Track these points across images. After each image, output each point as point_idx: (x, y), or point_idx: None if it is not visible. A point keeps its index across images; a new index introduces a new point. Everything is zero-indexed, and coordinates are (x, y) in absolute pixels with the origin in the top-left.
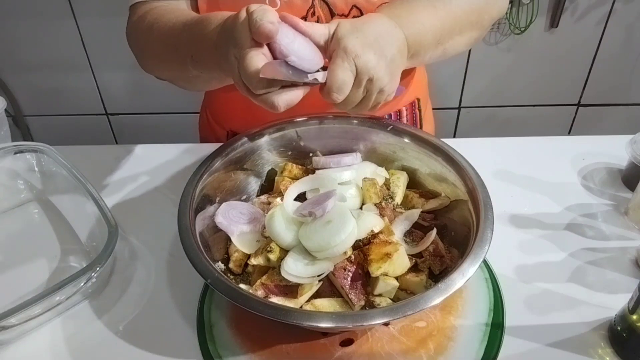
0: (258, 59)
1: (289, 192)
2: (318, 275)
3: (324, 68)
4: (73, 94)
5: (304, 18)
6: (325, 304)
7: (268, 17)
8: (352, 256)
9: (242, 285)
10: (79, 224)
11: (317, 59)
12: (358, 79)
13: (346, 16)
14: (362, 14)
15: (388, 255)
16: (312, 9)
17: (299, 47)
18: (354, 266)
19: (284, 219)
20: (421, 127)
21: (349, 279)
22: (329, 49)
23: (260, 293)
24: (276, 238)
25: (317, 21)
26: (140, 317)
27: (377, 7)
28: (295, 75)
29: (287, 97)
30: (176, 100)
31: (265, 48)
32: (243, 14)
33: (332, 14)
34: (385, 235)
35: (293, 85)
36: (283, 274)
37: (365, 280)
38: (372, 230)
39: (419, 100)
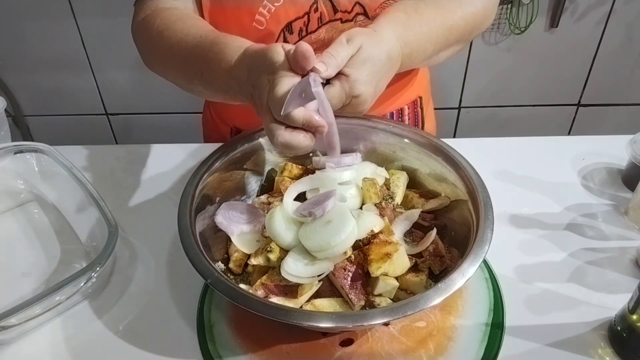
0: (291, 82)
1: (289, 192)
2: (318, 275)
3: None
4: (73, 94)
5: (307, 14)
6: (325, 304)
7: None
8: (352, 256)
9: (242, 285)
10: (79, 224)
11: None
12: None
13: (349, 12)
14: (365, 11)
15: (388, 255)
16: (315, 5)
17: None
18: (354, 266)
19: (284, 219)
20: (423, 126)
21: (349, 279)
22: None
23: (260, 293)
24: (276, 238)
25: (320, 17)
26: (140, 317)
27: (380, 4)
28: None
29: (289, 137)
30: (176, 100)
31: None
32: (279, 49)
33: (335, 10)
34: (385, 235)
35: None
36: (283, 274)
37: (365, 280)
38: (372, 230)
39: (421, 98)
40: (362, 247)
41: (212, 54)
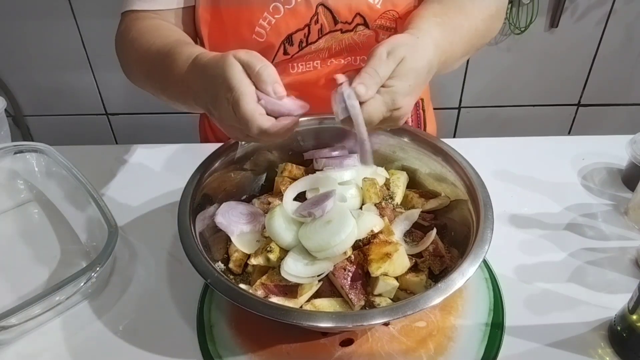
0: (253, 96)
1: (289, 192)
2: (318, 275)
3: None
4: (73, 94)
5: (307, 26)
6: (325, 304)
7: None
8: (352, 256)
9: (242, 285)
10: (79, 224)
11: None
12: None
13: (350, 23)
14: (365, 22)
15: (388, 255)
16: (315, 17)
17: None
18: (354, 266)
19: (284, 219)
20: (425, 127)
21: (349, 279)
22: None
23: (260, 293)
24: (276, 238)
25: (320, 28)
26: (140, 317)
27: (380, 14)
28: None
29: (277, 124)
30: None
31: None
32: (232, 60)
33: (336, 22)
34: (385, 235)
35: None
36: (283, 274)
37: (365, 280)
38: (372, 230)
39: (422, 100)
40: (362, 247)
41: (166, 64)
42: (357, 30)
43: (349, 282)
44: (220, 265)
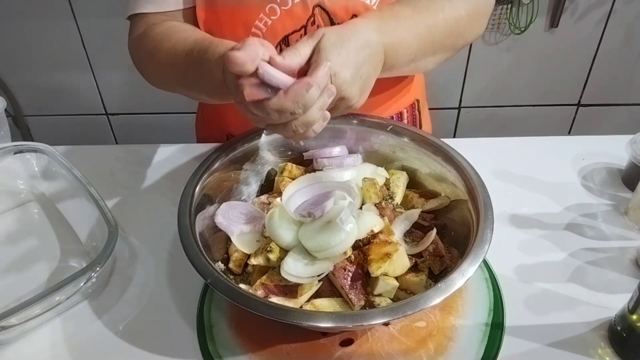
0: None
1: (288, 192)
2: (318, 275)
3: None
4: (73, 94)
5: (304, 27)
6: (325, 304)
7: (243, 53)
8: (352, 256)
9: (242, 285)
10: (79, 224)
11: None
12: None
13: None
14: None
15: (388, 255)
16: (312, 18)
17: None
18: (354, 266)
19: (284, 219)
20: (421, 128)
21: (349, 279)
22: (312, 59)
23: (260, 293)
24: (276, 238)
25: None
26: (140, 317)
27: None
28: (274, 91)
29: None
30: (176, 100)
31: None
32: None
33: (332, 23)
34: (385, 235)
35: None
36: (283, 274)
37: (365, 280)
38: (372, 230)
39: (418, 101)
40: (362, 247)
41: (204, 73)
42: None
43: (349, 282)
44: (220, 265)
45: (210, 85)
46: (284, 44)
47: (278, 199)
